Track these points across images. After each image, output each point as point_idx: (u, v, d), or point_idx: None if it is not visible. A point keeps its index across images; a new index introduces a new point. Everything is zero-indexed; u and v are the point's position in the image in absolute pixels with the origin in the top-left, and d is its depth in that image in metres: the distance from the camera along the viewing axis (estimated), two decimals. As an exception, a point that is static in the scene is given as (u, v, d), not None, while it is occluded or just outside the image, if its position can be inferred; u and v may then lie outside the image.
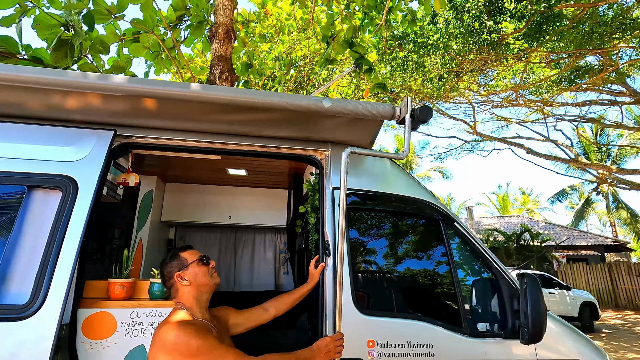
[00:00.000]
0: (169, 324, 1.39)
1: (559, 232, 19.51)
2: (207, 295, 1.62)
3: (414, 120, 1.82)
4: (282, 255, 3.95)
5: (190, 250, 1.66)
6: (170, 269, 1.58)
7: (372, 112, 1.84)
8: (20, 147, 1.77)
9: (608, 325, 11.44)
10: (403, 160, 2.35)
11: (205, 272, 1.60)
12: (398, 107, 1.87)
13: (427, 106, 1.82)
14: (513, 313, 2.01)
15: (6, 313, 1.49)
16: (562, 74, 9.58)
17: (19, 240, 1.63)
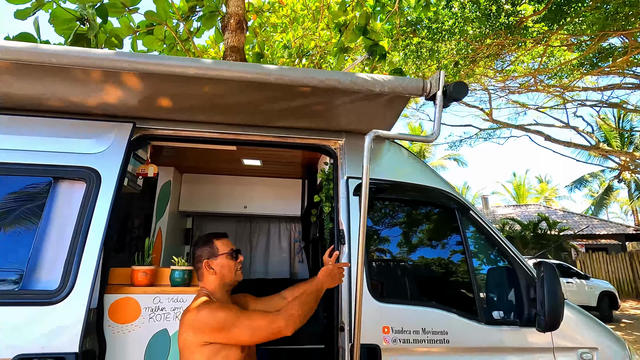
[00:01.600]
0: (195, 306, 1.47)
1: (578, 221, 19.05)
2: (228, 287, 1.69)
3: (446, 98, 1.63)
4: (297, 244, 4.00)
5: (224, 239, 1.72)
6: (201, 254, 1.65)
7: (396, 88, 1.65)
8: (45, 141, 1.84)
9: (628, 316, 11.22)
10: (430, 143, 1.84)
11: (232, 267, 1.67)
12: (428, 81, 1.68)
13: (461, 82, 1.63)
14: (529, 301, 2.00)
15: (39, 298, 1.57)
16: (584, 57, 9.22)
17: (48, 229, 1.71)
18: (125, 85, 1.67)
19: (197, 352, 1.42)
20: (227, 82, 1.60)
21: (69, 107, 1.88)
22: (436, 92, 1.63)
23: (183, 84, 1.64)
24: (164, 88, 1.71)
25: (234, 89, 1.70)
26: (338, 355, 1.85)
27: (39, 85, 1.68)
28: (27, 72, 1.57)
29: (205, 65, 1.52)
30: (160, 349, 1.78)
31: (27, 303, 1.56)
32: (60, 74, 1.58)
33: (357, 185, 2.06)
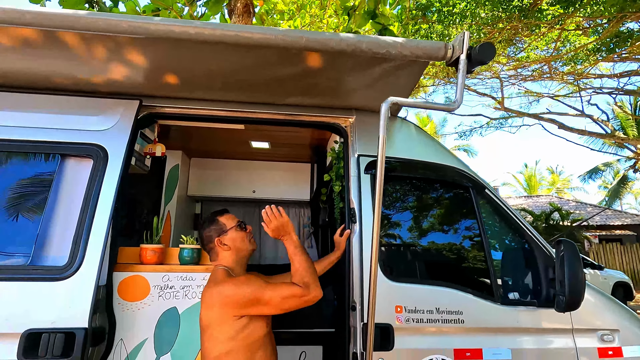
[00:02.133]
0: (218, 282, 1.46)
1: (591, 212, 18.69)
2: (245, 259, 1.69)
3: (470, 62, 1.48)
4: (306, 230, 3.97)
5: (227, 214, 1.71)
6: (210, 234, 1.64)
7: (414, 51, 1.49)
8: (52, 117, 1.83)
9: (643, 307, 11.02)
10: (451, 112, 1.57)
11: (244, 238, 1.67)
12: (450, 44, 1.52)
13: (488, 43, 1.46)
14: (548, 281, 1.94)
15: (48, 273, 1.57)
16: (601, 42, 8.91)
17: (56, 205, 1.70)
18: (128, 55, 1.60)
19: (226, 327, 1.42)
20: (230, 46, 1.48)
21: (74, 84, 1.85)
22: (459, 56, 1.48)
23: (186, 50, 1.56)
24: (167, 57, 1.64)
25: (237, 55, 1.59)
26: (350, 334, 1.81)
27: (44, 61, 1.65)
28: (32, 45, 1.53)
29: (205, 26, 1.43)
30: (169, 327, 1.77)
31: (36, 279, 1.56)
32: (64, 44, 1.53)
33: (368, 163, 2.00)
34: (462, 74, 1.48)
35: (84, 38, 1.47)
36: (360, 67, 1.68)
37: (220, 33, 1.41)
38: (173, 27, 1.39)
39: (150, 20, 1.39)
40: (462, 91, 1.48)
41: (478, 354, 1.80)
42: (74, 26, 1.37)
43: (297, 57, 1.59)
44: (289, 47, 1.45)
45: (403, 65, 1.65)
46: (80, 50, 1.56)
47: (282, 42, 1.43)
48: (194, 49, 1.54)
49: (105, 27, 1.37)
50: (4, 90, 1.84)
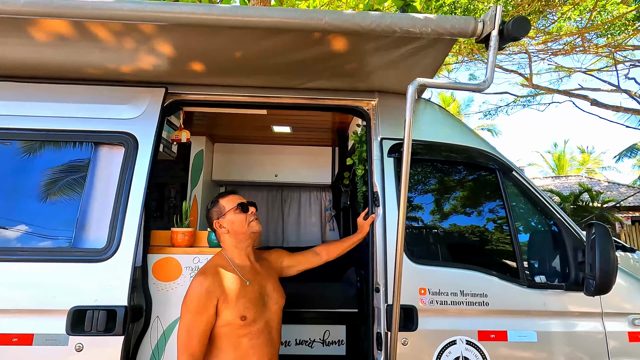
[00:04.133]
0: (202, 269, 1.54)
1: (625, 193, 17.85)
2: (246, 242, 1.65)
3: (502, 38, 1.39)
4: (328, 213, 4.01)
5: (231, 195, 1.69)
6: (210, 216, 1.66)
7: (440, 28, 1.42)
8: (85, 107, 1.90)
9: (677, 290, 10.59)
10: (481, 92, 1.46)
11: (242, 220, 1.61)
12: (480, 19, 1.43)
13: (523, 17, 1.36)
14: (577, 265, 1.90)
15: (89, 255, 1.67)
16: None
17: (92, 192, 1.80)
18: (153, 44, 1.62)
19: None
20: (255, 30, 1.48)
21: (105, 73, 1.90)
22: (490, 32, 1.38)
23: (208, 36, 1.56)
24: (190, 44, 1.64)
25: (261, 38, 1.57)
26: (374, 315, 1.85)
27: (77, 52, 1.70)
28: (64, 38, 1.58)
29: (226, 10, 1.40)
30: (201, 306, 1.86)
31: (78, 260, 1.66)
32: (93, 35, 1.56)
33: (392, 147, 1.99)
34: (493, 52, 1.39)
35: (111, 28, 1.50)
36: (386, 47, 1.62)
37: (240, 18, 1.38)
38: (195, 12, 1.38)
39: (172, 6, 1.39)
40: (492, 70, 1.40)
41: (503, 335, 1.81)
42: (98, 15, 1.37)
43: (322, 38, 1.55)
44: (315, 28, 1.41)
45: (429, 44, 1.58)
46: (108, 40, 1.59)
47: (308, 23, 1.39)
48: (215, 34, 1.53)
49: (130, 14, 1.37)
50: (41, 82, 1.92)
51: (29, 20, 1.44)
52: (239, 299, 1.49)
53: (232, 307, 1.47)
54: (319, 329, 2.84)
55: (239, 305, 1.48)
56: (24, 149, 1.86)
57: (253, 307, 1.52)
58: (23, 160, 1.84)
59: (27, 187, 1.81)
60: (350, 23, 1.40)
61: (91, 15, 1.37)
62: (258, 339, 1.51)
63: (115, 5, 1.37)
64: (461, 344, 1.78)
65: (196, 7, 1.39)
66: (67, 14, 1.37)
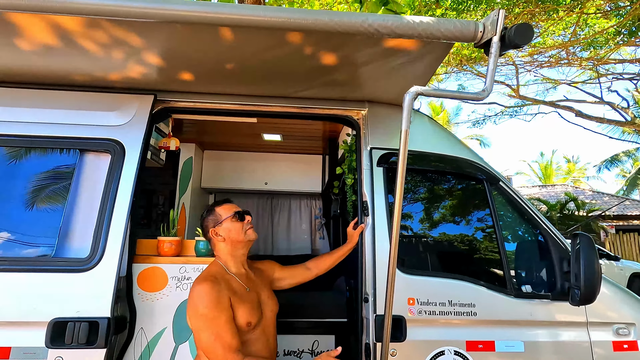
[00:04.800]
0: (200, 277, 1.50)
1: (608, 202, 18.25)
2: (242, 250, 1.66)
3: (504, 45, 1.32)
4: (318, 221, 4.00)
5: (227, 204, 1.70)
6: (207, 224, 1.65)
7: (437, 32, 1.34)
8: (70, 113, 1.87)
9: (660, 298, 10.82)
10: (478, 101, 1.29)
11: (239, 229, 1.63)
12: (481, 23, 1.35)
13: (526, 24, 1.28)
14: (562, 274, 1.92)
15: (71, 265, 1.63)
16: (622, 25, 8.57)
17: (76, 200, 1.76)
18: (142, 48, 1.57)
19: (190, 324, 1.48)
20: (242, 30, 1.40)
21: (92, 79, 1.88)
22: (491, 38, 1.31)
23: (198, 39, 1.50)
24: (180, 48, 1.59)
25: (253, 40, 1.50)
26: (362, 326, 1.84)
27: (63, 58, 1.67)
28: (50, 43, 1.55)
29: (212, 7, 1.29)
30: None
31: (61, 270, 1.62)
32: (81, 39, 1.51)
33: (381, 156, 2.00)
34: (494, 59, 1.32)
35: (98, 29, 1.44)
36: (379, 56, 1.58)
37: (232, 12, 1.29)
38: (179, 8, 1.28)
39: (158, 2, 1.28)
40: (492, 78, 1.34)
41: (490, 346, 1.82)
42: (77, 9, 1.26)
43: (316, 44, 1.51)
44: (309, 28, 1.32)
45: (423, 52, 1.54)
46: (96, 46, 1.56)
47: (302, 23, 1.31)
48: (205, 36, 1.47)
49: (115, 10, 1.26)
50: (26, 88, 1.89)
51: (13, 25, 1.41)
52: (244, 304, 1.50)
53: (240, 311, 1.47)
54: (307, 339, 2.80)
55: (245, 310, 1.49)
56: (7, 155, 1.81)
57: (255, 314, 1.53)
58: (5, 166, 1.80)
59: (8, 194, 1.76)
60: (351, 24, 1.32)
61: (73, 9, 1.26)
62: (257, 345, 1.52)
63: None
64: (449, 354, 1.78)
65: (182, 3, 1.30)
66: (44, 10, 1.26)
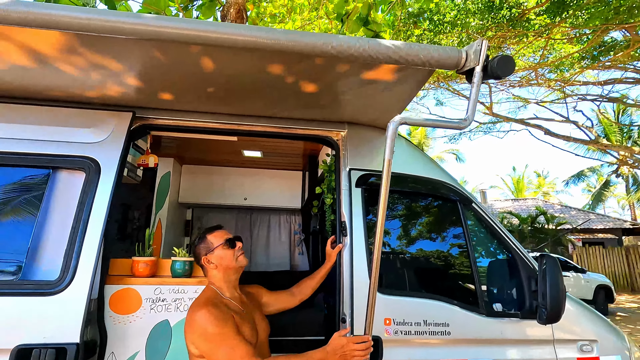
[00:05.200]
0: (198, 304, 1.48)
1: (575, 215, 19.13)
2: (235, 276, 1.69)
3: (485, 75, 1.33)
4: (297, 236, 4.00)
5: (218, 231, 1.71)
6: (199, 252, 1.66)
7: (429, 57, 1.33)
8: (43, 129, 1.81)
9: (623, 309, 11.34)
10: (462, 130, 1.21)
11: (231, 256, 1.65)
12: (464, 51, 1.35)
13: (508, 56, 1.30)
14: (530, 293, 2.01)
15: (39, 288, 1.56)
16: (585, 51, 9.17)
17: (47, 219, 1.69)
18: (121, 65, 1.54)
19: (190, 349, 1.46)
20: (228, 49, 1.36)
21: (68, 95, 1.84)
22: (474, 68, 1.32)
23: (178, 56, 1.47)
24: (160, 65, 1.55)
25: (234, 60, 1.48)
26: (340, 346, 1.84)
27: (38, 72, 1.64)
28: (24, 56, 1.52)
29: (200, 26, 1.26)
30: (161, 340, 1.78)
31: (27, 293, 1.55)
32: (57, 53, 1.46)
33: (360, 177, 2.05)
34: (476, 89, 1.33)
35: (75, 47, 1.41)
36: (360, 79, 1.59)
37: (212, 35, 1.26)
38: (161, 24, 1.25)
39: (136, 18, 1.24)
40: (474, 107, 1.34)
41: (463, 365, 1.86)
42: (55, 24, 1.22)
43: (297, 62, 1.49)
44: (291, 50, 1.30)
45: (404, 77, 1.55)
46: (74, 62, 1.53)
47: (289, 45, 1.29)
48: (185, 53, 1.45)
49: (88, 25, 1.21)
50: None
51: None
52: (245, 324, 1.52)
53: (243, 331, 1.48)
54: (284, 358, 2.77)
55: (247, 330, 1.50)
56: (-28, 172, 1.73)
57: (254, 335, 1.55)
58: (-30, 184, 1.72)
59: (-28, 213, 1.68)
60: (337, 47, 1.30)
61: (53, 23, 1.21)
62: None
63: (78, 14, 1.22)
64: (424, 374, 1.81)
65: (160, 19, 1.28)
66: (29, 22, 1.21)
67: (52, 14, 1.22)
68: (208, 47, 1.36)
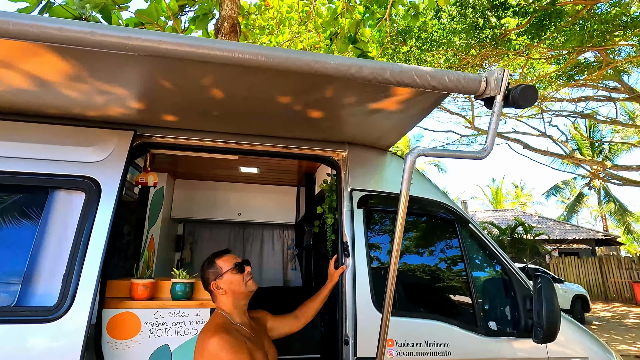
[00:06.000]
0: (209, 329, 1.45)
1: (552, 226, 19.81)
2: (244, 301, 1.67)
3: (506, 103, 1.29)
4: (290, 252, 3.98)
5: (226, 255, 1.69)
6: (207, 277, 1.63)
7: (452, 83, 1.30)
8: (41, 148, 1.76)
9: (598, 318, 11.74)
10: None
11: (240, 281, 1.64)
12: (484, 77, 1.31)
13: (531, 87, 1.25)
14: (526, 312, 2.07)
15: (36, 315, 1.50)
16: (562, 70, 9.64)
17: (44, 242, 1.63)
18: (124, 83, 1.51)
19: None
20: (234, 68, 1.32)
21: (66, 114, 1.80)
22: (495, 96, 1.29)
23: (182, 76, 1.44)
24: (163, 85, 1.53)
25: (231, 79, 1.44)
26: (342, 368, 1.84)
27: (37, 89, 1.60)
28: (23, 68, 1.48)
29: (206, 43, 1.20)
30: (161, 366, 1.73)
31: (22, 321, 1.48)
32: (56, 69, 1.40)
33: (361, 198, 2.07)
34: (496, 118, 1.29)
35: (78, 66, 1.36)
36: (371, 102, 1.58)
37: (219, 53, 1.20)
38: (158, 41, 1.17)
39: (135, 33, 1.17)
40: (493, 138, 1.30)
41: (463, 385, 1.89)
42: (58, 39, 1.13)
43: (306, 87, 1.48)
44: (298, 71, 1.25)
45: (414, 102, 1.54)
46: (74, 80, 1.48)
47: (294, 65, 1.24)
48: (189, 72, 1.41)
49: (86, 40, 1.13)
50: None
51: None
52: (258, 350, 1.50)
53: (257, 357, 1.47)
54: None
55: (258, 357, 1.49)
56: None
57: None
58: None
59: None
60: (349, 70, 1.26)
61: (58, 38, 1.13)
62: None
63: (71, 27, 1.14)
64: (426, 395, 1.83)
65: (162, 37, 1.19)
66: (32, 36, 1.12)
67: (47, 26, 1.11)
68: (216, 66, 1.32)
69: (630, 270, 15.43)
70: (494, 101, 1.31)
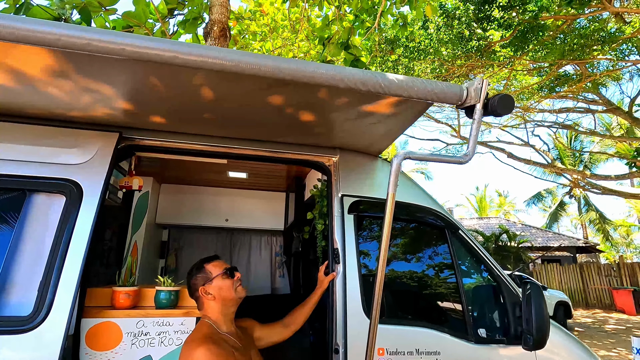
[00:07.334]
0: (195, 340, 1.38)
1: (535, 234, 20.21)
2: (232, 308, 1.60)
3: (486, 111, 1.37)
4: (278, 259, 3.92)
5: (216, 261, 1.64)
6: (195, 282, 1.57)
7: (432, 93, 1.36)
8: (20, 149, 1.68)
9: (579, 324, 11.97)
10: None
11: (230, 286, 1.58)
12: (464, 88, 1.39)
13: (508, 96, 1.33)
14: (515, 319, 2.07)
15: (9, 325, 1.41)
16: (544, 82, 9.94)
17: (20, 248, 1.55)
18: (109, 83, 1.47)
19: None
20: (222, 74, 1.31)
21: (49, 114, 1.72)
22: (475, 105, 1.37)
23: (170, 78, 1.40)
24: (150, 86, 1.49)
25: (219, 83, 1.43)
26: (332, 378, 1.80)
27: (16, 88, 1.53)
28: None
29: (194, 49, 1.19)
30: (143, 378, 1.65)
31: (-6, 331, 1.39)
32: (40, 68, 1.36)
33: (352, 203, 2.05)
34: (477, 125, 1.37)
35: (63, 66, 1.33)
36: (361, 108, 1.60)
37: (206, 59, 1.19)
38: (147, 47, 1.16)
39: (125, 38, 1.16)
40: (475, 143, 1.38)
41: (454, 393, 1.87)
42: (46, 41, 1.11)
43: (301, 94, 1.49)
44: (287, 79, 1.26)
45: (401, 110, 1.59)
46: (58, 79, 1.43)
47: (285, 73, 1.25)
48: (178, 75, 1.38)
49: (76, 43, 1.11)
50: None
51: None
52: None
53: None
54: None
55: None
56: None
57: None
58: None
59: None
60: (337, 78, 1.29)
61: (44, 40, 1.10)
62: None
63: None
64: (417, 404, 1.80)
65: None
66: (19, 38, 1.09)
67: (37, 30, 1.10)
68: (209, 72, 1.31)
69: (610, 277, 15.85)
70: (474, 109, 1.38)
